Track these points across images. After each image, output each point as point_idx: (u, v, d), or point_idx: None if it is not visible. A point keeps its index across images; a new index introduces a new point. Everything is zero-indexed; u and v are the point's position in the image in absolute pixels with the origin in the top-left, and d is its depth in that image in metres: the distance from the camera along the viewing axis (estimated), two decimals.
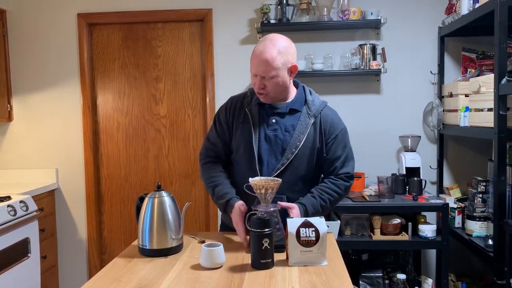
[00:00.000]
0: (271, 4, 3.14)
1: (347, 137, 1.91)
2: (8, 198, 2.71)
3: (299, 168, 1.82)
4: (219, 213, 3.38)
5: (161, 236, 1.65)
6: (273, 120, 1.84)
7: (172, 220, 1.67)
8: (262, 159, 1.82)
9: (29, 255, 2.78)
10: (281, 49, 1.75)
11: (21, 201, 2.74)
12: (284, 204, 1.72)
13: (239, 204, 1.76)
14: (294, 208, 1.72)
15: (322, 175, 1.93)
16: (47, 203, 3.28)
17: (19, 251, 2.70)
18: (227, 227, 1.97)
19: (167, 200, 1.70)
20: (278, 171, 1.79)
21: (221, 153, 1.96)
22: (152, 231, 1.65)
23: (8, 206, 2.61)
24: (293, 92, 1.89)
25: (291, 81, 1.87)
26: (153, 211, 1.67)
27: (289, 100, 1.87)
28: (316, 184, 1.87)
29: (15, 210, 2.64)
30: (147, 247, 1.66)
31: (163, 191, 1.72)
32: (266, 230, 1.50)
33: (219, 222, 3.34)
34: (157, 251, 1.65)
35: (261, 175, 1.78)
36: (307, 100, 1.87)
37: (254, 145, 1.81)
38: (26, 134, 3.42)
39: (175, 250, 1.68)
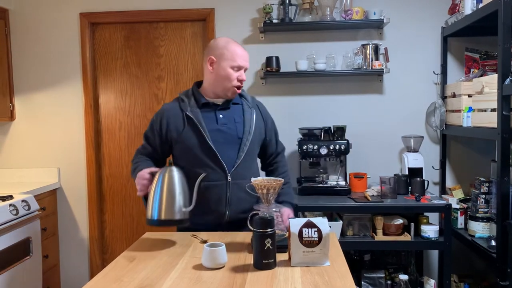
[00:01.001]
0: (273, 4, 3.14)
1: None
2: (10, 197, 2.72)
3: (254, 153, 2.06)
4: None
5: (169, 206, 1.71)
6: (221, 116, 1.99)
7: (181, 192, 1.73)
8: (219, 152, 1.93)
9: (30, 254, 2.78)
10: None
11: (23, 200, 2.74)
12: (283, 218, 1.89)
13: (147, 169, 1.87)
14: (285, 212, 1.91)
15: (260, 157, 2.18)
16: (49, 202, 3.28)
17: (21, 251, 2.70)
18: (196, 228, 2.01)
19: (176, 174, 1.75)
20: (241, 159, 1.95)
21: (152, 156, 2.09)
22: (161, 203, 1.70)
23: (10, 205, 2.61)
24: None
25: None
26: (163, 183, 1.72)
27: None
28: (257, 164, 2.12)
29: (17, 209, 2.64)
30: (155, 218, 1.70)
31: (173, 166, 1.77)
32: (268, 230, 1.50)
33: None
34: (164, 221, 1.70)
35: (224, 166, 1.92)
36: (242, 94, 2.08)
37: (209, 141, 1.92)
38: (28, 133, 3.42)
39: (182, 222, 1.73)
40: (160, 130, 2.01)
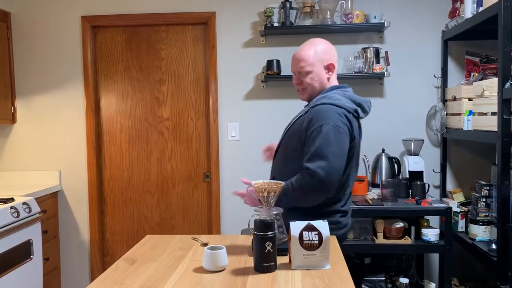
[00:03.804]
0: (274, 8, 3.15)
1: (326, 134, 1.75)
2: (11, 199, 2.72)
3: (283, 154, 1.97)
4: (222, 216, 3.39)
5: None
6: (297, 113, 2.03)
7: None
8: (278, 147, 2.04)
9: (31, 257, 2.79)
10: (320, 48, 1.93)
11: (24, 203, 2.74)
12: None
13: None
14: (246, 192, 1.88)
15: None
16: (50, 205, 3.28)
17: (22, 253, 2.70)
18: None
19: None
20: (276, 153, 2.03)
21: None
22: None
23: (11, 207, 2.62)
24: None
25: (332, 80, 1.98)
26: None
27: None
28: None
29: (18, 212, 2.64)
30: None
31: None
32: (269, 233, 1.50)
33: (221, 225, 3.34)
34: None
35: (272, 160, 2.03)
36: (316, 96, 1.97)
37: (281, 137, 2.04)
38: (29, 136, 3.43)
39: None
40: None
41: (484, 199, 2.66)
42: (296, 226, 1.53)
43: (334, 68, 1.95)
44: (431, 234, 2.71)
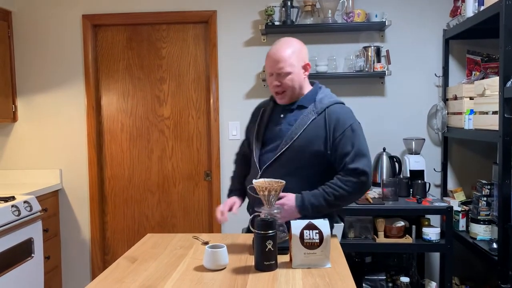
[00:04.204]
0: (275, 6, 3.14)
1: (358, 133, 1.83)
2: (12, 198, 2.72)
3: (295, 160, 1.84)
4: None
5: None
6: (281, 115, 1.93)
7: None
8: (262, 150, 1.93)
9: (32, 255, 2.79)
10: (295, 48, 1.87)
11: (25, 202, 2.75)
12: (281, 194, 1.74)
13: (232, 198, 2.02)
14: (289, 195, 1.78)
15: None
16: (51, 203, 3.28)
17: (23, 251, 2.70)
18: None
19: None
20: (271, 160, 1.86)
21: (246, 150, 2.14)
22: None
23: (12, 206, 2.62)
24: (307, 90, 1.95)
25: (306, 79, 1.95)
26: None
27: (302, 98, 1.94)
28: (318, 183, 1.83)
29: (19, 210, 2.65)
30: None
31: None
32: (270, 232, 1.50)
33: (222, 224, 3.33)
34: None
35: (258, 166, 1.89)
36: (316, 98, 1.91)
37: (255, 138, 1.95)
38: (30, 135, 3.43)
39: None
40: (249, 121, 2.13)
41: (485, 198, 2.66)
42: (297, 225, 1.53)
43: (310, 68, 1.93)
44: (432, 233, 2.71)
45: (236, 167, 2.23)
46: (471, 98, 2.73)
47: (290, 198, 1.78)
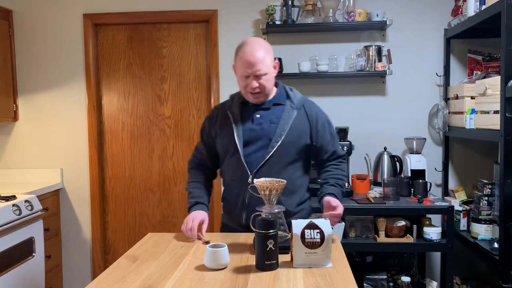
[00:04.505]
0: (276, 5, 3.14)
1: (331, 123, 2.03)
2: (13, 197, 2.72)
3: (286, 156, 1.89)
4: (223, 214, 3.38)
5: None
6: (258, 115, 1.94)
7: None
8: (246, 151, 1.89)
9: (33, 254, 2.79)
10: (266, 48, 1.90)
11: (26, 201, 2.75)
12: (328, 210, 1.76)
13: (203, 214, 1.97)
14: (333, 200, 1.79)
15: (313, 162, 2.04)
16: (52, 202, 3.29)
17: (24, 251, 2.70)
18: (227, 227, 2.06)
19: None
20: (265, 160, 1.86)
21: (206, 160, 2.09)
22: None
23: (13, 205, 2.62)
24: (274, 89, 2.00)
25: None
26: None
27: (271, 96, 1.97)
28: (304, 171, 1.98)
29: (20, 210, 2.65)
30: None
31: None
32: (271, 231, 1.50)
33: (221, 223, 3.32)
34: None
35: (248, 167, 1.86)
36: (289, 95, 1.98)
37: (237, 139, 1.89)
38: (31, 134, 3.43)
39: None
40: (209, 127, 2.04)
41: (486, 198, 2.66)
42: (298, 224, 1.53)
43: (278, 66, 1.97)
44: (433, 232, 2.71)
45: (196, 176, 2.10)
46: (472, 98, 2.73)
47: (338, 204, 1.78)
